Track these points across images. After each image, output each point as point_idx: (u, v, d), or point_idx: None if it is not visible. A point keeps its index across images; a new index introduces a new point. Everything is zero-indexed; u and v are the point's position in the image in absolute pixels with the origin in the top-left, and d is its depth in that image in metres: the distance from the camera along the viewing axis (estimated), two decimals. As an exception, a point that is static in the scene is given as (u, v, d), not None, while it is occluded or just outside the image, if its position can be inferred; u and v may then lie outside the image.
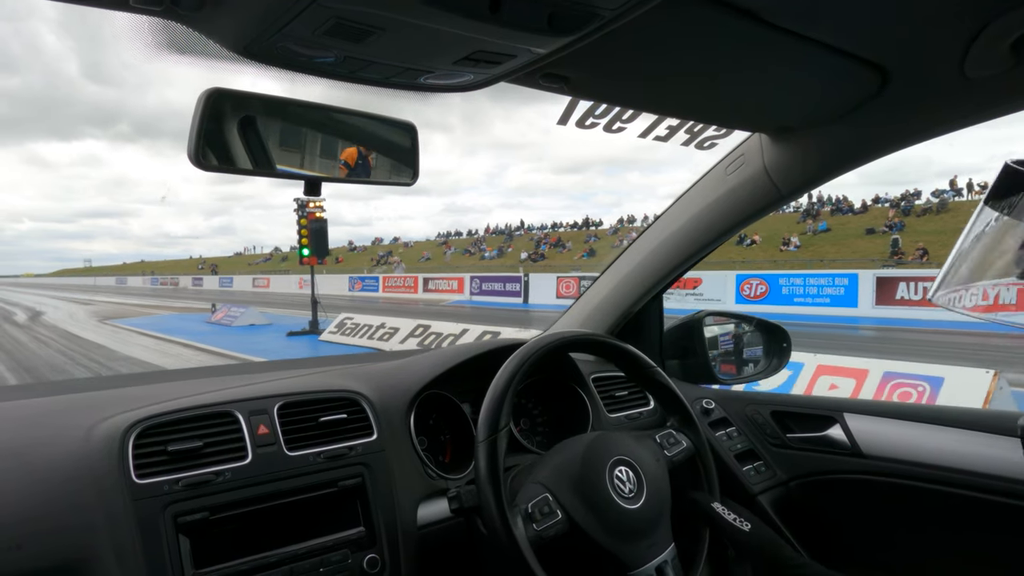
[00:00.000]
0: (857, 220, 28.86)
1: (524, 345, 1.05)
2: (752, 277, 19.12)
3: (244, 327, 16.59)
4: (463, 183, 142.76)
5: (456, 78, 0.82)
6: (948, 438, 1.26)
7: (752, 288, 18.71)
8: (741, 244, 29.24)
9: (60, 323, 19.23)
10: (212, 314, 18.99)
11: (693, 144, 1.23)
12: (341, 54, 0.72)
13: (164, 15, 0.64)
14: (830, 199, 31.84)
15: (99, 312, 24.04)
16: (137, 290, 54.40)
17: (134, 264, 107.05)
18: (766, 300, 18.10)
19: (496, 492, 0.92)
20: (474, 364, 1.28)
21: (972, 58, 0.86)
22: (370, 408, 1.12)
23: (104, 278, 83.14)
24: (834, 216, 30.22)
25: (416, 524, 1.08)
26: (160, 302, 32.08)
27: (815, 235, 28.90)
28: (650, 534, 0.98)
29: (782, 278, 18.31)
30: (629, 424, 1.44)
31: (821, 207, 31.42)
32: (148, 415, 0.94)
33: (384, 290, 32.50)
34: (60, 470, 0.88)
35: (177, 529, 0.88)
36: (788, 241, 28.40)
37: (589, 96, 1.02)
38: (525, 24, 0.67)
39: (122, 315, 22.01)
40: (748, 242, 29.23)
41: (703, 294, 18.84)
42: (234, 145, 0.84)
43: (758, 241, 29.44)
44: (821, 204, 31.68)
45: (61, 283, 79.30)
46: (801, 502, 1.46)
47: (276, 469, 0.98)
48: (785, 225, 30.30)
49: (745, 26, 0.78)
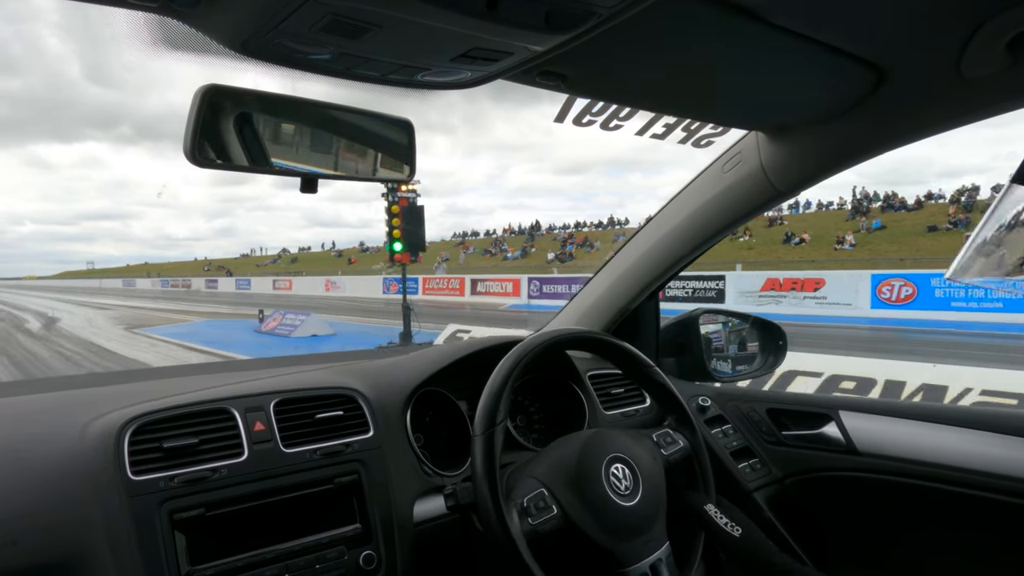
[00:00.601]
0: (912, 217, 27.29)
1: (522, 342, 1.05)
2: (893, 277, 15.68)
3: (306, 338, 14.53)
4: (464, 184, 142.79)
5: (453, 75, 0.82)
6: (943, 436, 1.27)
7: (894, 291, 15.34)
8: (788, 243, 28.40)
9: (81, 332, 17.06)
10: (261, 322, 16.63)
11: (690, 142, 1.23)
12: (337, 51, 0.72)
13: (160, 11, 0.64)
14: (876, 195, 30.73)
15: (121, 318, 21.97)
16: (149, 293, 50.95)
17: (138, 266, 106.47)
18: (913, 304, 14.94)
19: (492, 486, 0.92)
20: (470, 361, 1.28)
21: (968, 57, 0.87)
22: (366, 405, 1.12)
23: (109, 280, 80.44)
24: (885, 213, 28.66)
25: (412, 521, 1.08)
26: (184, 306, 29.73)
27: (869, 233, 27.22)
28: (645, 532, 0.99)
29: (934, 278, 14.76)
30: (625, 422, 1.44)
31: (869, 203, 30.40)
32: (144, 412, 0.94)
33: (424, 292, 29.07)
34: (56, 467, 0.88)
35: (173, 526, 0.88)
36: (842, 239, 26.86)
37: (586, 94, 1.02)
38: (522, 21, 0.66)
39: (149, 322, 20.02)
40: (797, 240, 28.40)
41: (826, 297, 16.06)
42: (230, 142, 0.83)
43: (807, 239, 28.28)
44: (869, 200, 30.64)
45: (66, 285, 76.07)
46: (796, 499, 1.47)
47: (272, 466, 0.98)
48: (832, 223, 29.43)
49: (742, 24, 0.79)
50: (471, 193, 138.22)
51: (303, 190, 0.91)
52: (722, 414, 1.57)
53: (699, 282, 18.38)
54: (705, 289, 18.26)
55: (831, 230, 28.51)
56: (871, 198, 30.87)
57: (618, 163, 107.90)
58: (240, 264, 71.25)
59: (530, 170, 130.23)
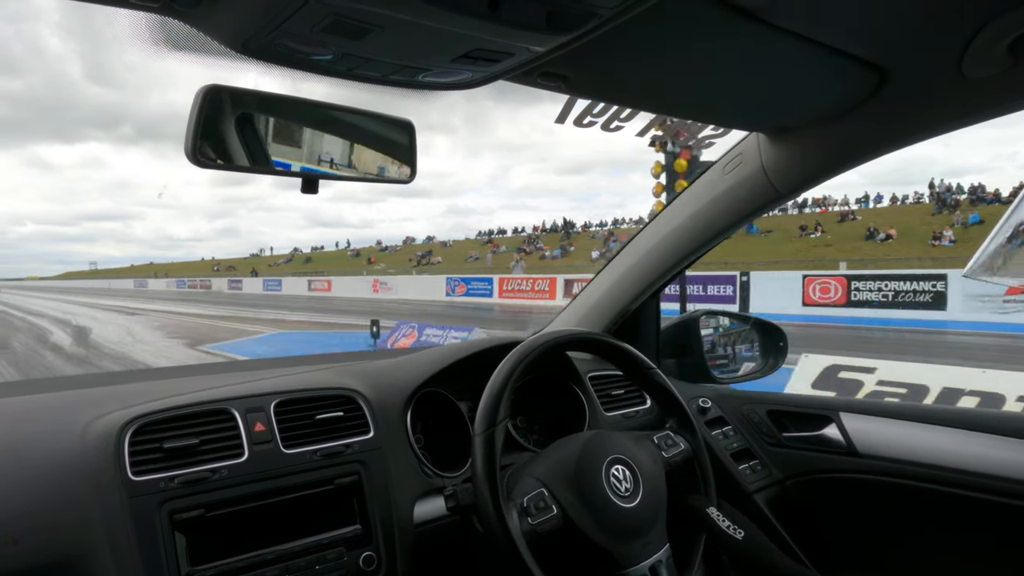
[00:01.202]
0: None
1: (523, 342, 1.05)
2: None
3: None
4: (465, 184, 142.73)
5: (454, 76, 0.82)
6: (943, 438, 1.27)
7: None
8: (872, 239, 26.76)
9: (132, 350, 12.81)
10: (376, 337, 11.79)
11: (691, 143, 1.23)
12: (339, 51, 0.72)
13: (162, 11, 0.64)
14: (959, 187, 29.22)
15: (168, 329, 17.36)
16: (169, 295, 45.18)
17: (143, 266, 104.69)
18: None
19: (492, 485, 0.92)
20: (471, 362, 1.28)
21: (970, 58, 0.87)
22: (367, 406, 1.12)
23: (119, 281, 76.13)
24: (975, 206, 26.44)
25: (412, 522, 1.08)
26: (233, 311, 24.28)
27: (966, 228, 24.87)
28: (645, 533, 0.98)
29: None
30: (626, 423, 1.44)
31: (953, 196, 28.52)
32: (144, 412, 0.94)
33: (501, 295, 25.29)
34: (56, 466, 0.88)
35: (173, 526, 0.88)
36: (939, 235, 24.84)
37: (587, 95, 1.02)
38: (524, 22, 0.66)
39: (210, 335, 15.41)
40: (883, 237, 26.62)
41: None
42: (231, 142, 0.83)
43: (894, 235, 26.43)
44: (950, 193, 28.97)
45: (72, 286, 71.19)
46: (797, 501, 1.46)
47: (272, 467, 0.98)
48: (917, 218, 27.92)
49: (743, 25, 0.78)
50: (472, 193, 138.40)
51: (304, 190, 0.91)
52: (722, 415, 1.56)
53: (904, 283, 14.90)
54: (915, 292, 14.69)
55: (915, 225, 26.96)
56: (953, 190, 29.26)
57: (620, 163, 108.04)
58: (249, 264, 70.13)
59: (532, 170, 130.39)
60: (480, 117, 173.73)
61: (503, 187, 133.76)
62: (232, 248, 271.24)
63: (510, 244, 45.71)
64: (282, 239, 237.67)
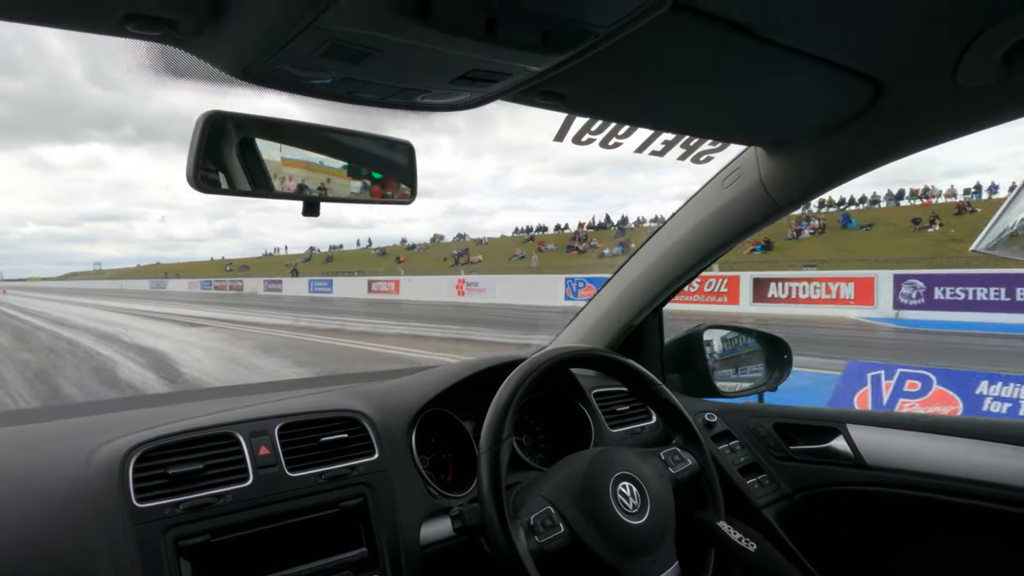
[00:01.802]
0: None
1: (527, 360, 1.05)
2: None
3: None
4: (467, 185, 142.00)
5: (452, 97, 0.83)
6: (953, 448, 1.26)
7: None
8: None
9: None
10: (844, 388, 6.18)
11: (689, 158, 1.24)
12: (338, 75, 0.73)
13: (162, 40, 0.65)
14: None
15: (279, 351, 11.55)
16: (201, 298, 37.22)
17: (149, 267, 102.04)
18: None
19: (498, 503, 0.91)
20: (475, 381, 1.27)
21: (965, 68, 0.87)
22: (371, 427, 1.11)
23: (132, 281, 69.90)
24: None
25: (419, 543, 1.07)
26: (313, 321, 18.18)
27: None
28: (653, 551, 0.97)
29: None
30: (631, 439, 1.43)
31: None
32: (148, 438, 0.94)
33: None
34: (59, 494, 0.87)
35: (178, 553, 0.87)
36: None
37: (585, 112, 1.03)
38: (520, 43, 0.67)
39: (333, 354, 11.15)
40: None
41: None
42: (232, 167, 0.84)
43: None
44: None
45: (81, 287, 65.09)
46: (807, 515, 1.45)
47: (277, 490, 0.97)
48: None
49: (739, 41, 0.79)
50: (473, 194, 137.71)
51: (305, 213, 0.92)
52: (729, 430, 1.55)
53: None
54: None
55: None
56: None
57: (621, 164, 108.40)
58: (262, 264, 68.04)
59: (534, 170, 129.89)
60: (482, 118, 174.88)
61: (504, 187, 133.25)
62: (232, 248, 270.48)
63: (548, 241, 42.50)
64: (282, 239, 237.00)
